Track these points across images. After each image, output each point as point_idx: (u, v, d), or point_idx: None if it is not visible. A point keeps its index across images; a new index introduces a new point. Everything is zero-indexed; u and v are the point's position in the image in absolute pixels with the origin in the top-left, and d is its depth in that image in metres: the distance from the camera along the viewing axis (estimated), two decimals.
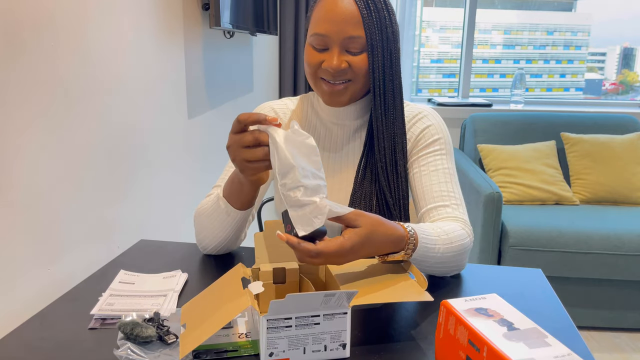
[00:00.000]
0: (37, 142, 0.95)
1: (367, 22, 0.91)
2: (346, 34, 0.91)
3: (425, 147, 0.99)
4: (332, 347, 0.66)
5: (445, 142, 1.00)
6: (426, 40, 3.38)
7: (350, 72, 0.93)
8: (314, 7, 0.96)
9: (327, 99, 0.97)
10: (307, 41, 0.98)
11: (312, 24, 0.95)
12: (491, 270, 0.97)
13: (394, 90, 0.96)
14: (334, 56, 0.92)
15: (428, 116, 1.02)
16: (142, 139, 1.35)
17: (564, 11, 3.47)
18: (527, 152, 2.52)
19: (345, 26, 0.91)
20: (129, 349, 0.66)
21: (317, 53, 0.94)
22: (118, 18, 1.21)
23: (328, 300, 0.62)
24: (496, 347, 0.54)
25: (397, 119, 0.97)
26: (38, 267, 0.96)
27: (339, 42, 0.92)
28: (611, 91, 3.55)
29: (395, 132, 0.97)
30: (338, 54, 0.92)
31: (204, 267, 0.96)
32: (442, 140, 1.00)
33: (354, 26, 0.91)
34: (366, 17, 0.91)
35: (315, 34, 0.93)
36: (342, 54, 0.93)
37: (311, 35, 0.95)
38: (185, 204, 1.66)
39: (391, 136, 0.97)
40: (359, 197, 0.98)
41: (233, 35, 2.01)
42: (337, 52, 0.92)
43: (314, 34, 0.93)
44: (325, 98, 0.97)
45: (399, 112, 0.98)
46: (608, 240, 2.08)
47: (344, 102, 0.97)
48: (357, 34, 0.91)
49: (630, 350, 2.08)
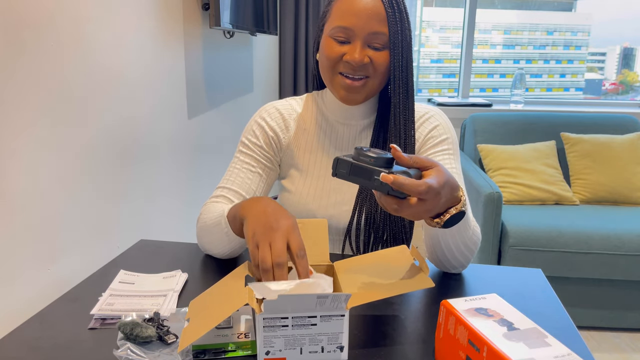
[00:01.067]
0: (37, 142, 0.95)
1: (391, 20, 0.91)
2: (371, 29, 0.91)
3: (434, 147, 1.00)
4: (329, 348, 0.66)
5: (452, 142, 1.01)
6: (426, 40, 3.38)
7: (370, 67, 0.93)
8: (334, 0, 0.96)
9: (343, 94, 0.95)
10: (324, 33, 0.96)
11: (333, 16, 0.94)
12: (491, 270, 0.97)
13: (408, 92, 0.97)
14: (357, 49, 0.92)
15: (435, 116, 1.02)
16: (142, 139, 1.35)
17: (564, 11, 3.47)
18: (527, 152, 2.52)
19: (370, 21, 0.91)
20: (128, 349, 0.66)
21: (338, 46, 0.93)
22: (118, 18, 1.21)
23: (323, 301, 0.62)
24: (496, 347, 0.54)
25: (408, 120, 0.98)
26: (38, 267, 0.96)
27: (362, 36, 0.91)
28: (611, 91, 3.55)
29: (406, 133, 0.97)
30: (361, 47, 0.92)
31: (204, 267, 0.96)
32: (449, 140, 1.00)
33: (379, 22, 0.91)
34: (390, 15, 0.91)
35: (338, 27, 0.92)
36: (364, 48, 0.93)
37: (333, 27, 0.93)
38: (185, 204, 1.66)
39: (402, 136, 0.97)
40: (364, 197, 0.98)
41: (233, 35, 2.01)
42: (359, 46, 0.92)
43: (337, 26, 0.92)
44: (341, 93, 0.96)
45: (411, 113, 0.98)
46: (608, 240, 2.08)
47: (359, 100, 0.96)
48: (382, 30, 0.91)
49: (630, 350, 2.08)
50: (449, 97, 3.19)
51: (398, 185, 0.64)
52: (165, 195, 1.50)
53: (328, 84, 0.98)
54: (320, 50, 0.98)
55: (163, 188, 1.49)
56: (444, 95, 3.30)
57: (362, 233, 1.00)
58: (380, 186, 0.65)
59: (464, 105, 2.94)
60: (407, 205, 0.66)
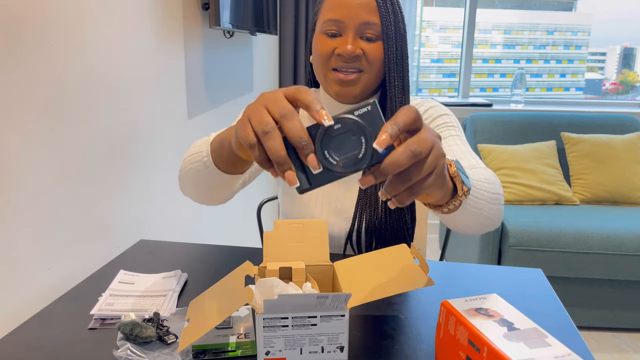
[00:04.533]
0: (36, 141, 0.95)
1: (383, 10, 0.90)
2: (362, 19, 0.89)
3: (432, 122, 0.97)
4: (329, 349, 0.66)
5: (452, 119, 0.97)
6: (426, 40, 3.38)
7: (364, 60, 0.91)
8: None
9: (338, 88, 0.93)
10: (317, 30, 0.95)
11: (323, 11, 0.93)
12: (491, 270, 0.97)
13: (404, 87, 0.95)
14: (348, 40, 0.90)
15: (430, 102, 1.01)
16: (142, 139, 1.35)
17: (564, 11, 3.46)
18: (527, 152, 2.52)
19: (360, 11, 0.89)
20: (128, 349, 0.66)
21: (329, 40, 0.92)
22: (117, 18, 1.21)
23: (322, 301, 0.62)
24: (496, 347, 0.54)
25: None
26: (38, 267, 0.96)
27: (354, 27, 0.90)
28: (611, 91, 3.55)
29: None
30: (352, 38, 0.90)
31: (204, 267, 0.96)
32: (448, 117, 0.97)
33: (370, 12, 0.89)
34: (381, 4, 0.90)
35: (328, 20, 0.91)
36: (356, 39, 0.91)
37: (324, 22, 0.92)
38: (185, 204, 1.66)
39: None
40: (363, 195, 0.98)
41: (233, 35, 2.01)
42: (351, 37, 0.90)
43: (327, 19, 0.91)
44: (335, 89, 0.93)
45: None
46: (608, 240, 2.08)
47: (356, 94, 0.93)
48: (373, 20, 0.89)
49: (631, 350, 2.08)
50: (449, 97, 3.19)
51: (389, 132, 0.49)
52: (165, 195, 1.50)
53: (322, 82, 0.96)
54: (312, 50, 0.96)
55: (163, 188, 1.48)
56: (444, 95, 3.30)
57: (363, 240, 1.00)
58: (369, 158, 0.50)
59: (464, 105, 2.94)
60: (403, 155, 0.49)
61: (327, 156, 0.51)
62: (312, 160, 0.50)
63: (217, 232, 1.97)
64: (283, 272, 0.75)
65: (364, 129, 0.50)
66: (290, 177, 0.50)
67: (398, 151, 0.49)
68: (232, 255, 1.02)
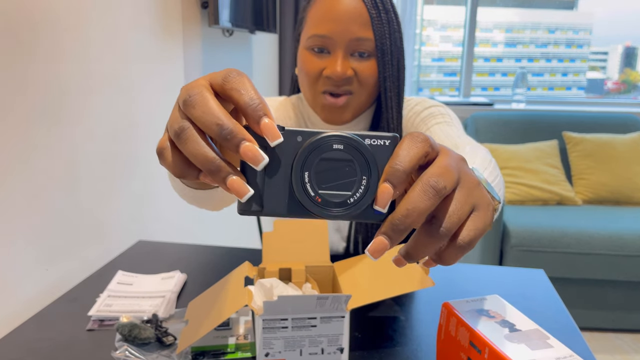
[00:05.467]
0: (35, 141, 0.95)
1: (377, 23, 0.78)
2: (353, 35, 0.78)
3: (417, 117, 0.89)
4: (329, 350, 0.65)
5: (444, 111, 0.89)
6: (427, 39, 3.37)
7: (355, 81, 0.81)
8: (308, 6, 0.83)
9: (326, 115, 0.84)
10: (301, 46, 0.84)
11: (308, 25, 0.82)
12: (493, 270, 0.97)
13: (399, 103, 0.85)
14: (338, 60, 0.78)
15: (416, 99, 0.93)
16: (141, 138, 1.35)
17: (566, 10, 3.45)
18: (529, 151, 2.51)
19: (351, 25, 0.77)
20: (126, 351, 0.66)
21: (316, 59, 0.81)
22: (116, 16, 1.21)
23: (322, 302, 0.62)
24: (498, 349, 0.54)
25: (401, 133, 0.88)
26: (36, 268, 0.96)
27: (344, 44, 0.79)
28: (613, 90, 3.54)
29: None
30: (342, 58, 0.79)
31: (203, 268, 0.96)
32: (439, 109, 0.89)
33: (362, 26, 0.78)
34: (375, 17, 0.78)
35: (314, 36, 0.79)
36: (347, 58, 0.80)
37: (309, 37, 0.81)
38: (184, 205, 1.66)
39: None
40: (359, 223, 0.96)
41: (232, 33, 2.00)
42: (341, 56, 0.79)
43: (313, 35, 0.79)
44: (324, 115, 0.84)
45: (399, 130, 0.87)
46: (610, 240, 2.07)
47: (346, 119, 0.85)
48: (366, 35, 0.78)
49: (633, 351, 2.07)
50: (450, 96, 3.18)
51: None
52: (164, 196, 1.50)
53: (309, 101, 0.86)
54: (298, 65, 0.84)
55: (162, 188, 1.48)
56: (445, 94, 3.29)
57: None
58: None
59: (465, 105, 2.93)
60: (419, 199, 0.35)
61: (306, 180, 0.36)
62: (271, 128, 0.34)
63: (216, 232, 1.97)
64: (283, 273, 0.75)
65: (370, 167, 0.35)
66: (236, 185, 0.34)
67: (414, 192, 0.35)
68: (231, 256, 1.01)
